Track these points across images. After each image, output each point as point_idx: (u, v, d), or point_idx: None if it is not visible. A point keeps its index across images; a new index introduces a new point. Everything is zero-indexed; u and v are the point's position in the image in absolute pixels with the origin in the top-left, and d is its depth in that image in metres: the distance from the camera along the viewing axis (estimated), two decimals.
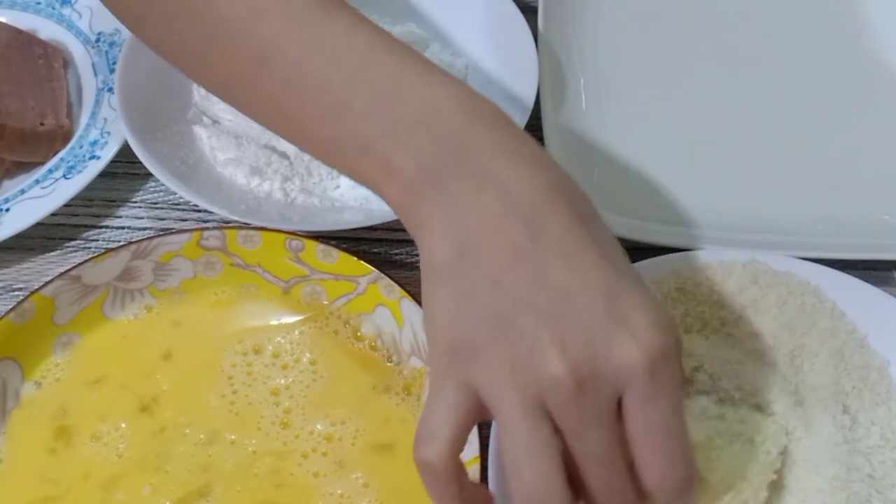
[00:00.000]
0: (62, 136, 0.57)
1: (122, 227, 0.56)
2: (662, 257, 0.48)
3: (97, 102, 0.59)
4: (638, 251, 0.53)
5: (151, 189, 0.57)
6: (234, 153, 0.55)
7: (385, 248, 0.54)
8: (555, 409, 0.32)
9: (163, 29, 0.42)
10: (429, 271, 0.34)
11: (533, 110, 0.54)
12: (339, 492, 0.43)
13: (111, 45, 0.61)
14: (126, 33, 0.61)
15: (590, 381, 0.31)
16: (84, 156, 0.56)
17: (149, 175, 0.56)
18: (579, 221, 0.34)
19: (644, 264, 0.48)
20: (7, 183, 0.56)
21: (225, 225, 0.50)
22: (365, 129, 0.36)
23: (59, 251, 0.54)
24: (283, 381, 0.47)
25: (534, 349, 0.32)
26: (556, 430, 0.32)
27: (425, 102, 0.36)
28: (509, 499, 0.33)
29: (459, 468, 0.33)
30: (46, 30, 0.63)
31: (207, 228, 0.49)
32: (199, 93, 0.58)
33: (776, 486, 0.42)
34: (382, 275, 0.47)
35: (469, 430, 0.33)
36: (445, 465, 0.32)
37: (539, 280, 0.32)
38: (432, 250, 0.34)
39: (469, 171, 0.34)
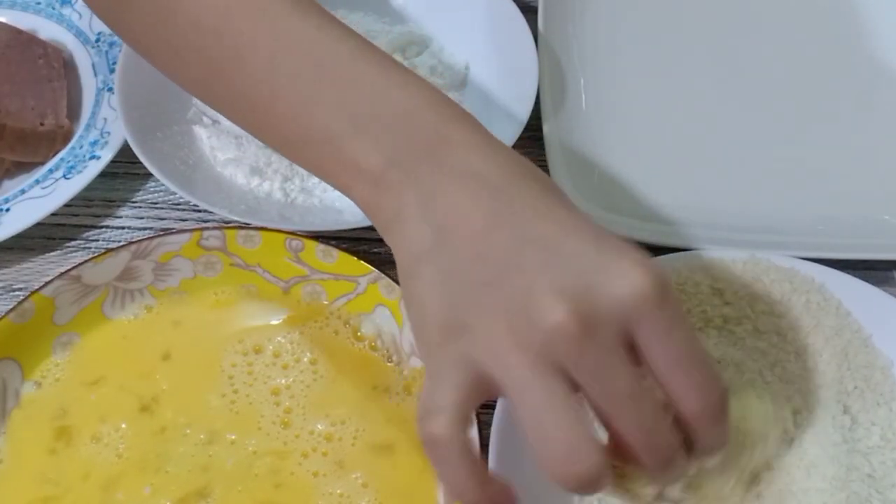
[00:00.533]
0: (62, 136, 0.57)
1: (123, 227, 0.56)
2: (662, 257, 0.48)
3: (97, 102, 0.59)
4: None
5: (151, 189, 0.57)
6: (235, 153, 0.55)
7: (385, 248, 0.53)
8: (567, 360, 0.30)
9: (140, 28, 0.42)
10: (407, 261, 0.34)
11: (533, 110, 0.54)
12: (338, 491, 0.43)
13: (111, 45, 0.61)
14: None
15: (595, 321, 0.30)
16: (84, 156, 0.56)
17: (149, 175, 0.56)
18: (552, 195, 0.34)
19: None
20: (7, 183, 0.56)
21: (225, 225, 0.50)
22: (334, 126, 0.36)
23: (59, 251, 0.54)
24: (283, 381, 0.47)
25: (529, 303, 0.30)
26: (574, 387, 0.31)
27: (395, 102, 0.36)
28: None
29: (467, 444, 0.31)
30: (46, 30, 0.63)
31: (207, 228, 0.49)
32: None
33: (776, 486, 0.42)
34: (382, 275, 0.47)
35: (474, 406, 0.32)
36: (451, 438, 0.31)
37: (521, 238, 0.32)
38: (408, 239, 0.34)
39: (440, 163, 0.34)
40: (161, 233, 0.50)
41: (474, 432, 0.41)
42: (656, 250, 0.50)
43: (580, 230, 0.32)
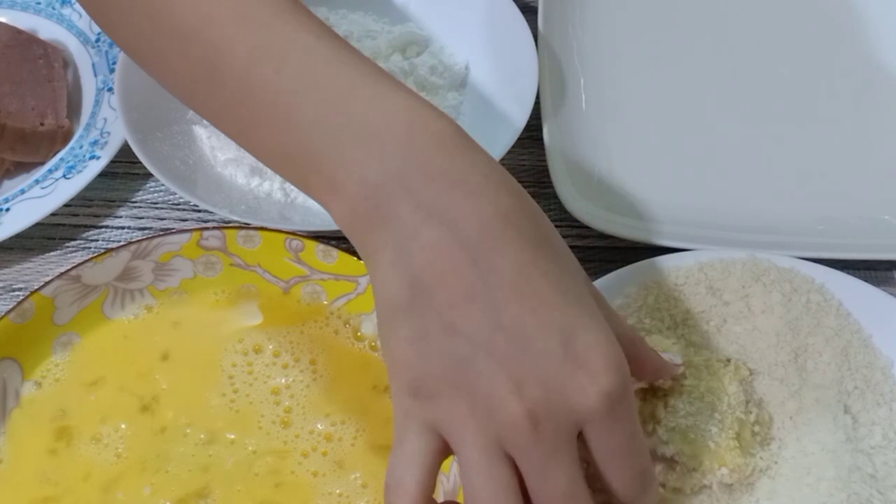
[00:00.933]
0: (62, 136, 0.57)
1: (122, 227, 0.56)
2: (663, 257, 0.48)
3: (97, 102, 0.59)
4: (638, 251, 0.53)
5: (151, 189, 0.57)
6: (234, 153, 0.55)
7: None
8: (514, 450, 0.32)
9: (128, 32, 0.42)
10: (383, 309, 0.34)
11: (533, 110, 0.54)
12: (337, 491, 0.43)
13: (111, 45, 0.61)
14: None
15: (547, 422, 0.32)
16: (84, 156, 0.56)
17: (149, 175, 0.56)
18: (532, 253, 0.33)
19: (643, 265, 0.48)
20: (7, 183, 0.56)
21: (225, 225, 0.50)
22: (311, 142, 0.35)
23: (59, 251, 0.54)
24: (283, 381, 0.47)
25: (492, 392, 0.32)
26: (517, 473, 0.33)
27: (374, 115, 0.35)
28: None
29: None
30: (46, 30, 0.63)
31: (207, 228, 0.49)
32: None
33: (775, 486, 0.42)
34: None
35: (436, 472, 0.34)
36: (413, 492, 0.33)
37: (493, 323, 0.32)
38: (385, 285, 0.34)
39: (415, 199, 0.33)
40: (161, 233, 0.50)
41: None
42: (656, 250, 0.50)
43: (551, 322, 0.33)
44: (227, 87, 0.37)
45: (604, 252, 0.54)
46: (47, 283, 0.47)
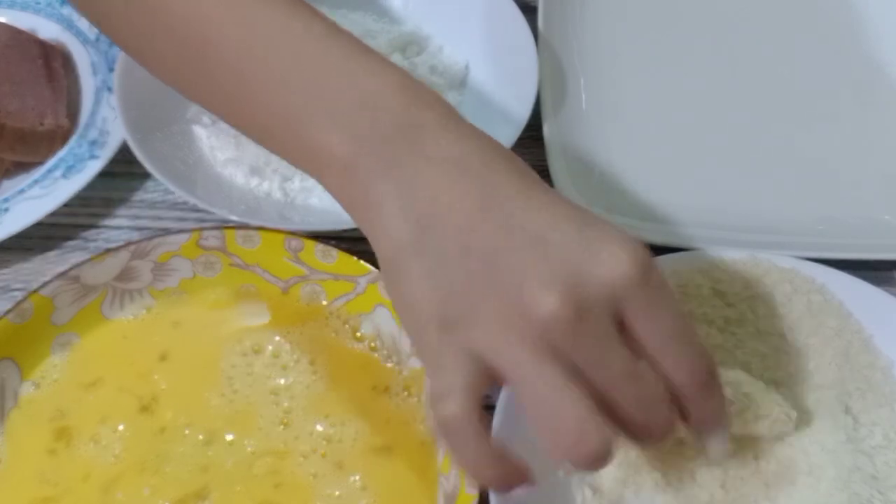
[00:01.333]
0: (61, 136, 0.57)
1: (121, 227, 0.55)
2: (662, 257, 0.48)
3: (96, 102, 0.59)
4: None
5: (150, 189, 0.57)
6: (234, 153, 0.55)
7: None
8: (564, 346, 0.31)
9: (114, 17, 0.43)
10: (390, 256, 0.34)
11: (533, 110, 0.54)
12: (336, 493, 0.43)
13: (111, 44, 0.61)
14: None
15: (586, 306, 0.31)
16: (83, 156, 0.55)
17: (148, 175, 0.56)
18: (529, 175, 0.34)
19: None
20: (6, 183, 0.56)
21: (224, 225, 0.50)
22: (302, 111, 0.36)
23: (58, 251, 0.54)
24: (283, 381, 0.47)
25: (522, 296, 0.31)
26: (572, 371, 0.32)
27: (366, 85, 0.36)
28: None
29: (482, 423, 0.32)
30: (46, 29, 0.63)
31: (207, 228, 0.49)
32: None
33: (775, 486, 0.42)
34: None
35: (481, 393, 0.32)
36: (466, 418, 0.31)
37: (508, 228, 0.32)
38: (389, 232, 0.34)
39: (415, 149, 0.34)
40: (160, 233, 0.50)
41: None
42: (656, 250, 0.49)
43: (563, 217, 0.33)
44: (216, 66, 0.38)
45: None
46: (46, 284, 0.47)
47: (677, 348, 0.33)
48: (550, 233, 0.32)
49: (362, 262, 0.47)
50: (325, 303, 0.49)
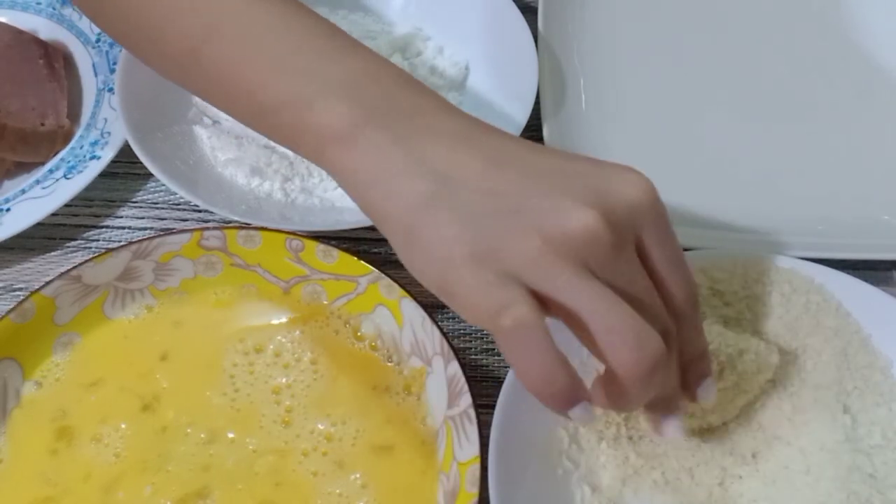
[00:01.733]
0: (63, 137, 0.57)
1: (123, 228, 0.56)
2: None
3: (97, 102, 0.59)
4: None
5: (152, 189, 0.57)
6: (235, 153, 0.55)
7: (385, 248, 0.54)
8: (601, 261, 0.33)
9: (118, 15, 0.44)
10: (407, 214, 0.34)
11: (533, 110, 0.54)
12: (337, 491, 0.43)
13: (111, 45, 0.61)
14: None
15: (619, 223, 0.33)
16: (84, 156, 0.56)
17: (149, 175, 0.56)
18: (534, 144, 0.37)
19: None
20: (7, 183, 0.56)
21: (225, 225, 0.50)
22: (302, 89, 0.37)
23: (59, 251, 0.54)
24: (284, 381, 0.47)
25: (559, 215, 0.32)
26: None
27: (365, 69, 0.38)
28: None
29: (548, 330, 0.33)
30: (47, 30, 0.63)
31: (208, 228, 0.49)
32: None
33: (774, 486, 0.42)
34: (382, 275, 0.47)
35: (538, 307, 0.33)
36: (536, 321, 0.32)
37: (527, 171, 0.34)
38: (404, 193, 0.34)
39: (418, 124, 0.35)
40: (161, 233, 0.50)
41: (474, 433, 0.41)
42: None
43: (574, 157, 0.36)
44: (218, 54, 0.40)
45: None
46: (48, 283, 0.47)
47: (679, 272, 0.36)
48: (568, 166, 0.34)
49: (363, 262, 0.47)
50: (325, 302, 0.49)
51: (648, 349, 0.32)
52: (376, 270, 0.47)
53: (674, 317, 0.36)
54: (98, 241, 0.55)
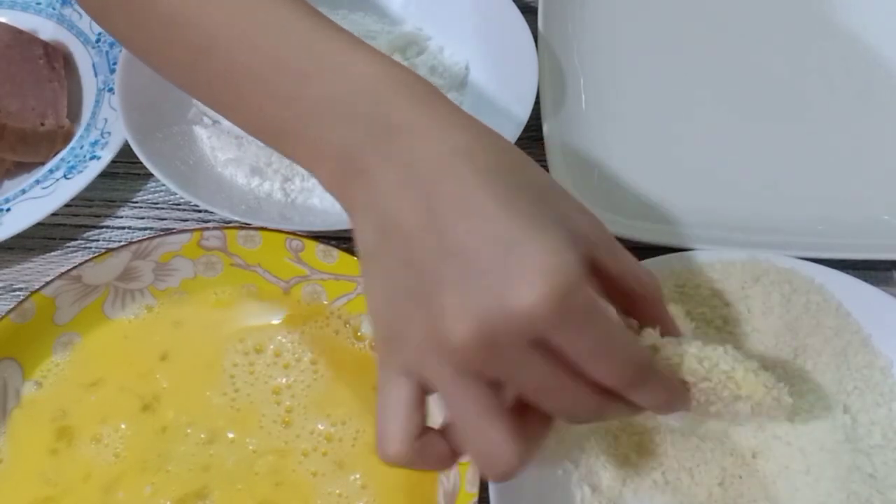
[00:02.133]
0: (63, 137, 0.57)
1: (123, 228, 0.56)
2: (662, 257, 0.48)
3: (97, 102, 0.59)
4: (638, 251, 0.53)
5: (152, 189, 0.57)
6: (235, 153, 0.55)
7: None
8: (480, 369, 0.33)
9: (122, 20, 0.44)
10: (362, 257, 0.36)
11: (533, 110, 0.54)
12: (336, 491, 0.43)
13: (111, 45, 0.61)
14: None
15: (496, 338, 0.32)
16: (84, 156, 0.56)
17: (149, 175, 0.56)
18: (483, 178, 0.33)
19: (644, 264, 0.48)
20: (7, 183, 0.56)
21: (225, 225, 0.50)
22: (290, 118, 0.37)
23: (59, 251, 0.54)
24: (284, 381, 0.47)
25: (443, 321, 0.32)
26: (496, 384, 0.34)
27: (353, 83, 0.37)
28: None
29: (420, 448, 0.35)
30: (47, 30, 0.63)
31: (208, 228, 0.49)
32: None
33: (774, 486, 0.42)
34: None
35: (421, 409, 0.35)
36: (408, 457, 0.35)
37: (442, 250, 0.33)
38: (360, 234, 0.36)
39: (385, 153, 0.35)
40: (161, 233, 0.50)
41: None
42: (656, 250, 0.50)
43: (495, 237, 0.32)
44: (217, 69, 0.39)
45: None
46: (48, 283, 0.47)
47: (598, 362, 0.33)
48: (477, 259, 0.32)
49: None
50: (325, 302, 0.49)
51: (496, 470, 0.34)
52: None
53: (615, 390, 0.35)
54: (98, 241, 0.55)
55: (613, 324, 0.35)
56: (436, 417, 0.42)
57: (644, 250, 0.52)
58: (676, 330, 0.39)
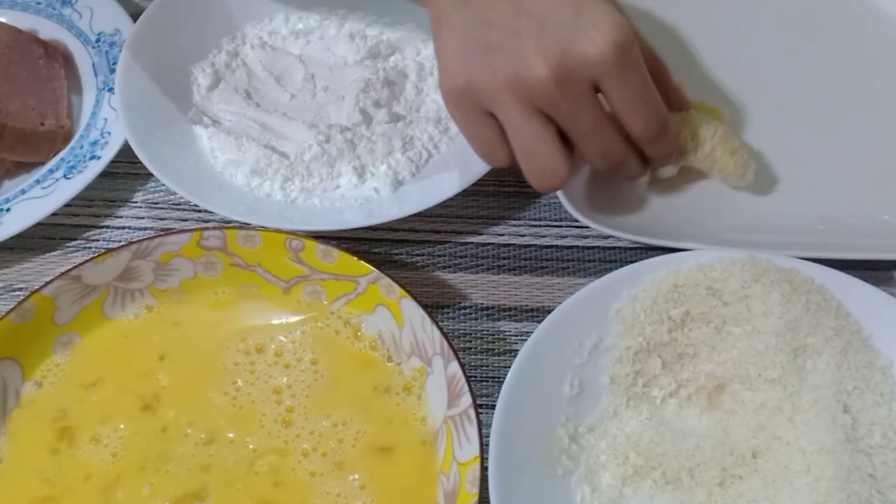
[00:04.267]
0: (63, 137, 0.57)
1: (123, 228, 0.56)
2: (662, 257, 0.48)
3: (97, 102, 0.59)
4: (638, 251, 0.53)
5: (152, 189, 0.57)
6: (235, 153, 0.55)
7: (385, 248, 0.54)
8: (546, 106, 0.43)
9: None
10: (436, 21, 0.45)
11: None
12: (335, 492, 0.43)
13: (111, 45, 0.61)
14: (126, 33, 0.61)
15: (567, 76, 0.42)
16: (84, 156, 0.56)
17: (149, 175, 0.56)
18: None
19: (644, 264, 0.48)
20: (7, 183, 0.56)
21: (225, 225, 0.50)
22: None
23: (59, 251, 0.54)
24: (285, 380, 0.47)
25: (521, 64, 0.41)
26: (552, 121, 0.44)
27: None
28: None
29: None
30: (47, 30, 0.63)
31: (208, 228, 0.49)
32: (199, 93, 0.59)
33: (774, 486, 0.42)
34: (382, 275, 0.47)
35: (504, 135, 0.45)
36: (503, 140, 0.46)
37: (519, 10, 0.43)
38: (443, 12, 0.45)
39: None
40: (161, 233, 0.50)
41: (474, 434, 0.41)
42: (656, 250, 0.50)
43: (564, 1, 0.42)
44: None
45: (604, 252, 0.54)
46: (48, 283, 0.47)
47: (635, 110, 0.44)
48: (552, 13, 0.42)
49: (363, 262, 0.47)
50: (326, 302, 0.49)
51: (546, 181, 0.45)
52: (376, 270, 0.47)
53: (638, 142, 0.46)
54: (98, 241, 0.55)
55: (652, 83, 0.44)
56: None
57: (645, 250, 0.52)
58: (685, 99, 0.52)
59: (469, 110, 0.45)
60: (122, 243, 0.50)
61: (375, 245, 0.54)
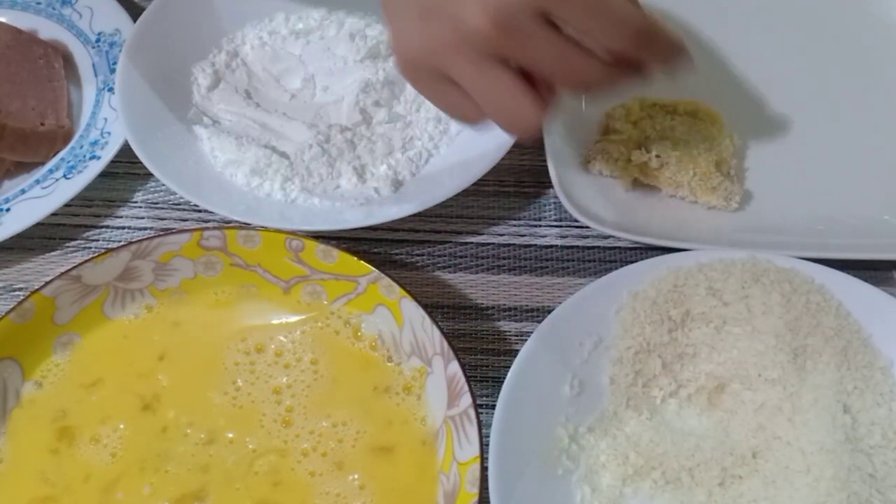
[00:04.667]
0: (62, 136, 0.57)
1: (123, 227, 0.56)
2: (662, 257, 0.48)
3: (97, 102, 0.59)
4: (638, 251, 0.53)
5: (152, 189, 0.57)
6: (235, 153, 0.55)
7: (385, 248, 0.54)
8: (498, 53, 0.40)
9: None
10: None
11: None
12: (335, 492, 0.43)
13: (111, 45, 0.61)
14: (126, 33, 0.61)
15: (508, 18, 0.39)
16: (84, 156, 0.56)
17: (149, 175, 0.56)
18: None
19: (644, 264, 0.48)
20: (7, 183, 0.56)
21: (225, 225, 0.50)
22: None
23: (59, 251, 0.54)
24: (284, 380, 0.47)
25: (458, 19, 0.40)
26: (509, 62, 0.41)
27: None
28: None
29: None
30: (47, 30, 0.63)
31: (208, 228, 0.49)
32: (199, 93, 0.59)
33: (774, 486, 0.42)
34: (382, 275, 0.47)
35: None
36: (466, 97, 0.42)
37: None
38: None
39: None
40: (161, 233, 0.50)
41: (474, 433, 0.41)
42: (656, 250, 0.50)
43: None
44: None
45: (604, 252, 0.54)
46: (48, 283, 0.47)
47: (597, 23, 0.40)
48: None
49: (363, 262, 0.47)
50: (326, 302, 0.49)
51: (519, 127, 0.42)
52: (376, 270, 0.47)
53: (620, 55, 0.41)
54: (98, 240, 0.55)
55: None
56: (436, 415, 0.42)
57: (644, 250, 0.52)
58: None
59: (425, 79, 0.43)
60: (121, 243, 0.50)
61: (375, 245, 0.54)
